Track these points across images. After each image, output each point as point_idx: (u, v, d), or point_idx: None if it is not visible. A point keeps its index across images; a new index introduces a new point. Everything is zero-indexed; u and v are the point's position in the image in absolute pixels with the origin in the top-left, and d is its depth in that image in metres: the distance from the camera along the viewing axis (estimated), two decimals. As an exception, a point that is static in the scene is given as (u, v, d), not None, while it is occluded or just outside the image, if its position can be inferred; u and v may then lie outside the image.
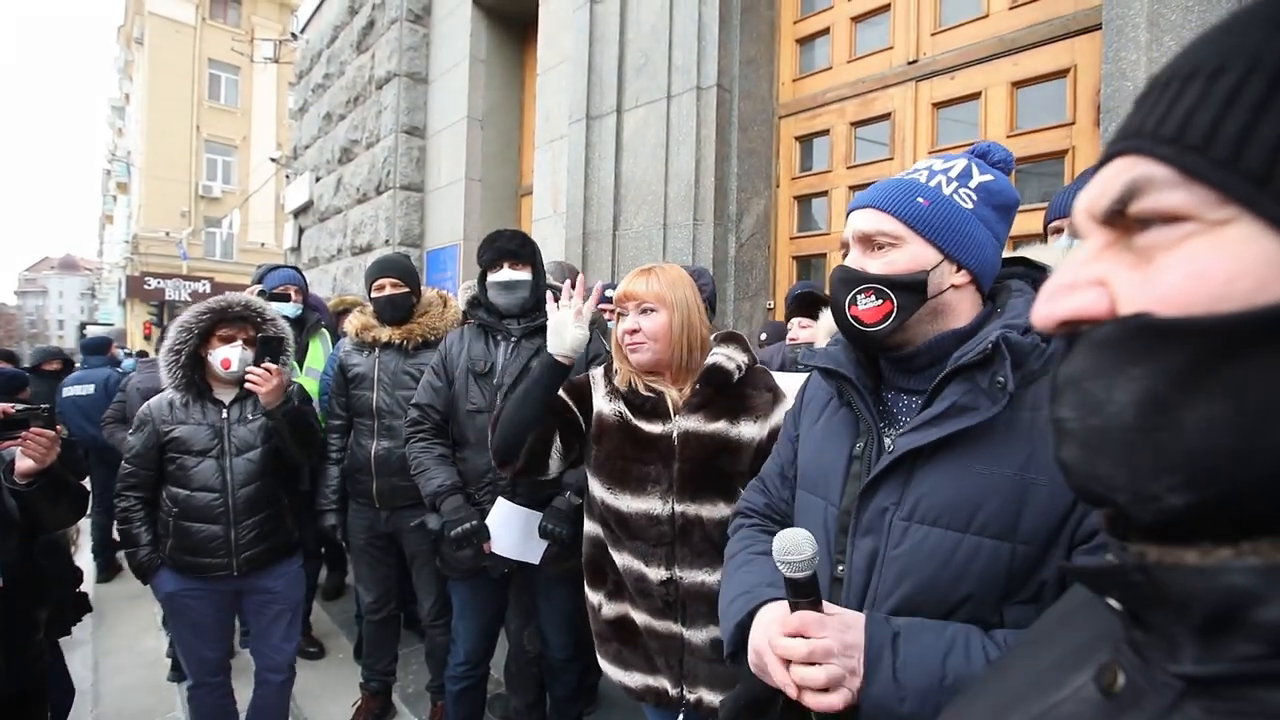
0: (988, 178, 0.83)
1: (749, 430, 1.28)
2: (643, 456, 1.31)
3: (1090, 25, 2.17)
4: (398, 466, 2.19)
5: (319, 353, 2.97)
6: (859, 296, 0.81)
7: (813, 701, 0.69)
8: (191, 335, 1.91)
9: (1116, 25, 1.90)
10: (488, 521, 1.78)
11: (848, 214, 0.88)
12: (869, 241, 0.83)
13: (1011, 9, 2.44)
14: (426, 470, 1.88)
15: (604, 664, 1.42)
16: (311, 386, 2.72)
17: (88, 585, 4.04)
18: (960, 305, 0.82)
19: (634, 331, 1.31)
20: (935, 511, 0.75)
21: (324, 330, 3.09)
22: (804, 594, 0.72)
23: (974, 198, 0.81)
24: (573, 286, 1.43)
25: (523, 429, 1.37)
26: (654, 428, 1.32)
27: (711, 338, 1.38)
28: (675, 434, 1.29)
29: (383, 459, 2.25)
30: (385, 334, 2.32)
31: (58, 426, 2.07)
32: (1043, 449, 0.71)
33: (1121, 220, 0.32)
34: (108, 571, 4.40)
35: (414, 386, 2.22)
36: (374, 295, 2.33)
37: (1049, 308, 0.34)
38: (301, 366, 2.88)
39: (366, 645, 2.52)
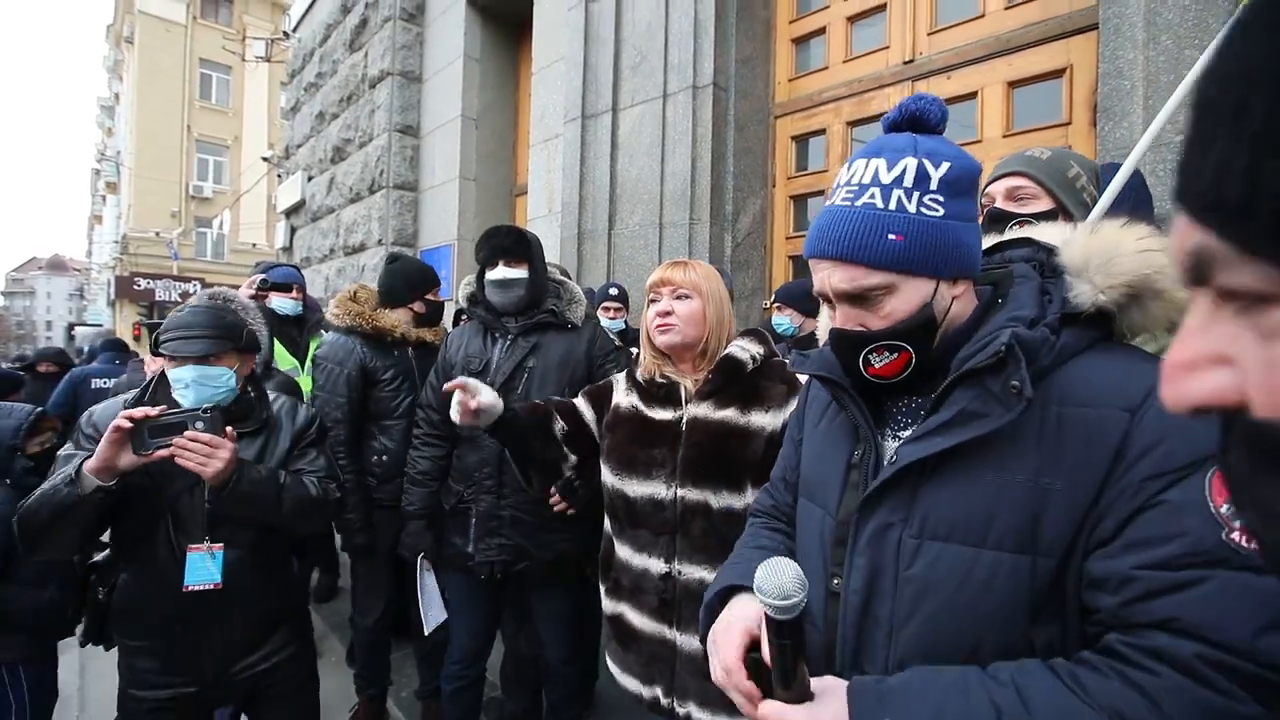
0: (944, 169, 0.72)
1: (759, 419, 1.28)
2: (651, 442, 1.33)
3: (1086, 25, 2.18)
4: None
5: None
6: (871, 356, 0.75)
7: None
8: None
9: (1113, 25, 1.90)
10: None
11: (808, 257, 0.79)
12: (855, 299, 0.75)
13: (1008, 9, 2.44)
14: (406, 490, 2.03)
15: (608, 659, 1.43)
16: (309, 386, 2.70)
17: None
18: (963, 310, 0.77)
19: (667, 314, 1.33)
20: (947, 526, 0.70)
21: (324, 330, 3.06)
22: (784, 636, 0.64)
23: (940, 200, 0.72)
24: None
25: (521, 467, 1.52)
26: (665, 414, 1.35)
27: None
28: (684, 420, 1.32)
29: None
30: (416, 333, 2.41)
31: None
32: (1057, 450, 0.66)
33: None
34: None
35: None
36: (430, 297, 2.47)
37: (1174, 391, 0.28)
38: (303, 366, 2.85)
39: (363, 651, 2.48)
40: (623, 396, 1.45)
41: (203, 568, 1.49)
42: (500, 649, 2.14)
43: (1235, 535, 0.58)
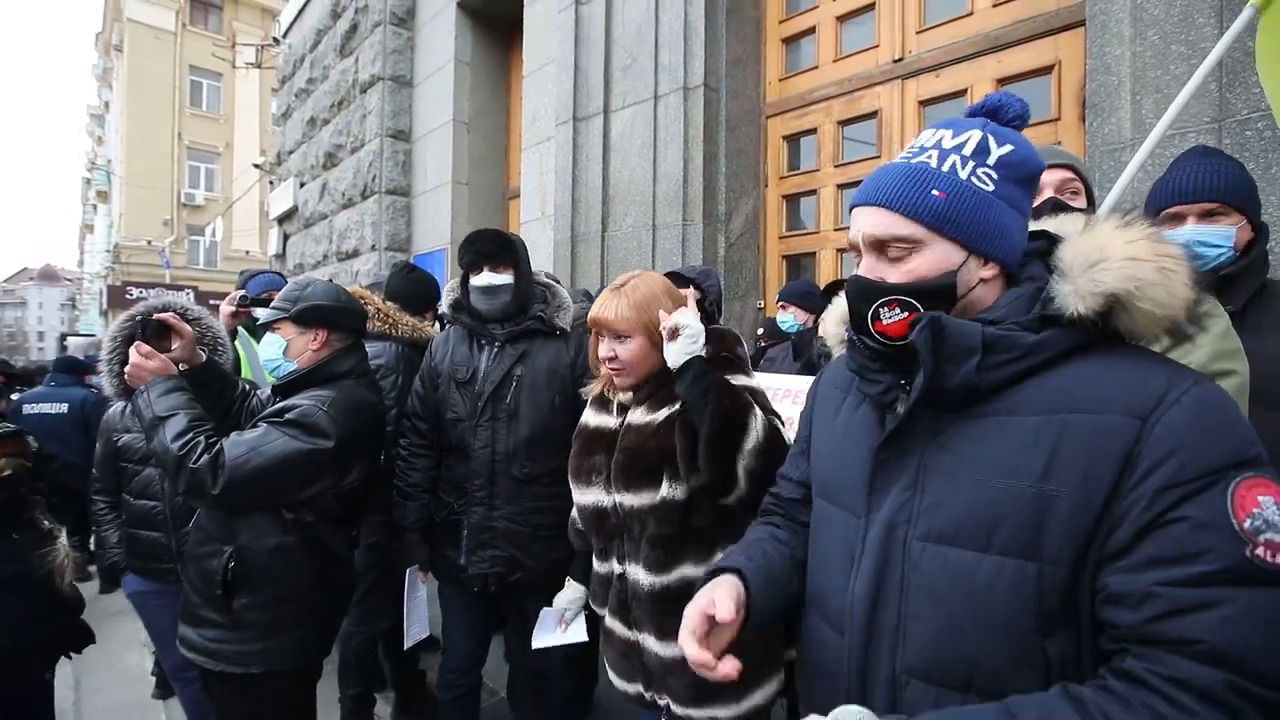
0: (1006, 149, 0.73)
1: None
2: (593, 450, 1.37)
3: (1074, 21, 2.19)
4: None
5: None
6: (881, 310, 0.74)
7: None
8: (117, 343, 1.70)
9: (1100, 21, 1.91)
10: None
11: (851, 208, 0.79)
12: (882, 246, 0.74)
13: (995, 6, 2.45)
14: (398, 503, 1.92)
15: (604, 659, 1.45)
16: None
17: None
18: (988, 297, 0.74)
19: (612, 359, 1.31)
20: (952, 529, 0.70)
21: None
22: None
23: (994, 176, 0.72)
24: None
25: None
26: (608, 422, 1.38)
27: None
28: (622, 426, 1.34)
29: None
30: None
31: (29, 438, 2.00)
32: (1059, 457, 0.65)
33: None
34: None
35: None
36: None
37: None
38: None
39: (357, 659, 2.46)
40: (587, 412, 1.47)
41: None
42: (497, 654, 2.12)
43: (1260, 551, 0.57)
